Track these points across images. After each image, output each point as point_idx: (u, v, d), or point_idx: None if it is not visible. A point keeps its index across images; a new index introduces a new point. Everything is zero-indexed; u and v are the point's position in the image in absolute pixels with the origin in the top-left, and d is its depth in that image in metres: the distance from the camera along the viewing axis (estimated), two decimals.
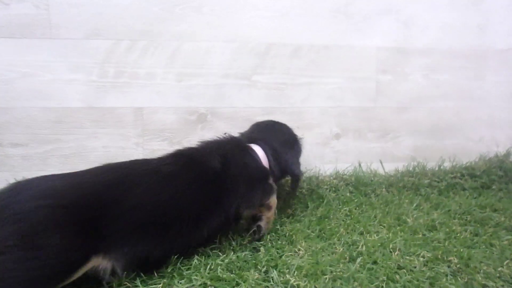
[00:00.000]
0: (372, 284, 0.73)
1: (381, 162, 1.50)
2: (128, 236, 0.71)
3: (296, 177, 1.08)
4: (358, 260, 0.81)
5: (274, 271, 0.77)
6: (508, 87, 1.60)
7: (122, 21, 1.29)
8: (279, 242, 0.93)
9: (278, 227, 1.02)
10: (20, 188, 0.68)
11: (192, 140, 1.38)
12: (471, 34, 1.55)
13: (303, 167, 1.43)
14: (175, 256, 0.79)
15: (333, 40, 1.43)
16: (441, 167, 1.50)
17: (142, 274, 0.75)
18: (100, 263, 0.68)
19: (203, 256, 0.82)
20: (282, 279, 0.74)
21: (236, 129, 1.40)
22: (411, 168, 1.49)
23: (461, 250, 0.88)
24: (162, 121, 1.36)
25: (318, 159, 1.47)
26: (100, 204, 0.69)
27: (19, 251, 0.59)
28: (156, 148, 1.37)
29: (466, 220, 1.11)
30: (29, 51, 1.26)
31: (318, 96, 1.46)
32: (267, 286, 0.72)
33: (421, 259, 0.83)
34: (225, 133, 1.08)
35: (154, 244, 0.75)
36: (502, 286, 0.75)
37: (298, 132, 1.46)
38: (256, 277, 0.75)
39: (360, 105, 1.49)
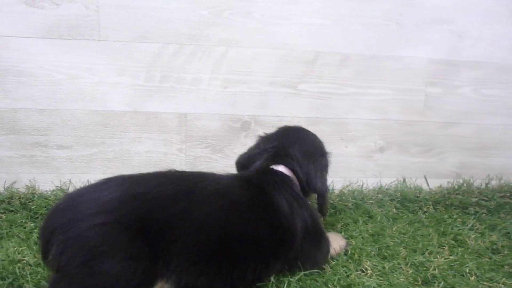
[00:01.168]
0: None
1: (425, 178, 1.46)
2: (192, 263, 0.64)
3: (319, 192, 0.94)
4: (436, 284, 0.78)
5: None
6: None
7: (170, 24, 1.27)
8: (341, 259, 0.91)
9: None
10: (75, 202, 0.63)
11: (234, 148, 1.36)
12: None
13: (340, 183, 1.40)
14: None
15: (383, 50, 1.38)
16: (488, 185, 1.45)
17: None
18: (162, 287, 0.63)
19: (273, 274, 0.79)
20: None
21: None
22: (456, 186, 1.44)
23: None
24: (206, 128, 1.34)
25: (360, 172, 1.43)
26: (163, 221, 0.62)
27: (80, 277, 0.56)
28: (199, 154, 1.35)
29: None
30: (76, 53, 1.25)
31: (363, 108, 1.41)
32: None
33: (502, 285, 0.79)
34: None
35: (218, 278, 0.67)
36: None
37: (341, 144, 1.44)
38: None
39: (407, 118, 1.44)
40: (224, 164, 1.35)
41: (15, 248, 0.90)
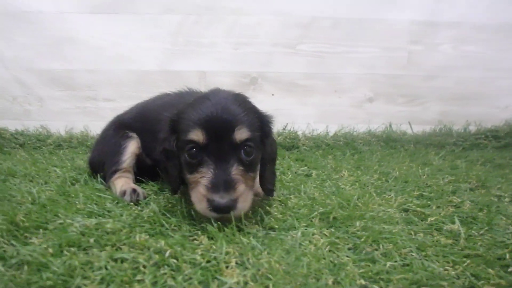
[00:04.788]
0: (404, 193, 0.93)
1: (409, 123, 1.68)
2: None
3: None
4: (394, 179, 1.02)
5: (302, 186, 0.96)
6: None
7: None
8: (326, 169, 1.17)
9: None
10: None
11: None
12: (499, 8, 1.67)
13: (334, 128, 1.64)
14: None
15: (368, 14, 1.62)
16: (466, 129, 1.66)
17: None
18: None
19: None
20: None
21: (281, 92, 1.65)
22: (437, 130, 1.66)
23: (480, 174, 1.06)
24: (221, 83, 1.61)
25: (352, 119, 1.68)
26: None
27: None
28: None
29: (486, 166, 1.27)
30: (116, 24, 1.56)
31: (353, 64, 1.66)
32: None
33: (446, 179, 1.02)
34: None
35: None
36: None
37: (335, 95, 1.69)
38: None
39: (392, 73, 1.67)
40: None
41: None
